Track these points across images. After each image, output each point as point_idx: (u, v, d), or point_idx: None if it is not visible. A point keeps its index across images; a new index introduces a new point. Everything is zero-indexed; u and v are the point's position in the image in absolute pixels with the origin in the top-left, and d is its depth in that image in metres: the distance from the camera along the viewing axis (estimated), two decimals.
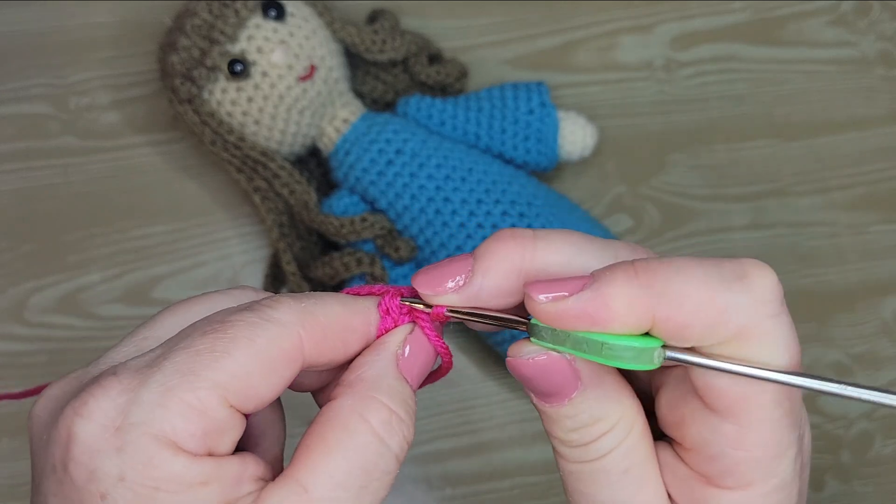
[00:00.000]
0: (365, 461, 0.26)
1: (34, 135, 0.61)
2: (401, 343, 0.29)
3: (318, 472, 0.26)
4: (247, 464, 0.27)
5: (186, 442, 0.25)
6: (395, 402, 0.28)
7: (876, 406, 0.26)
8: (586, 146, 0.59)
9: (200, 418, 0.25)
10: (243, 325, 0.26)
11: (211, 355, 0.26)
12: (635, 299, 0.25)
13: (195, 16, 0.53)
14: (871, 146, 0.64)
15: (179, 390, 0.25)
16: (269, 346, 0.26)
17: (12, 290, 0.58)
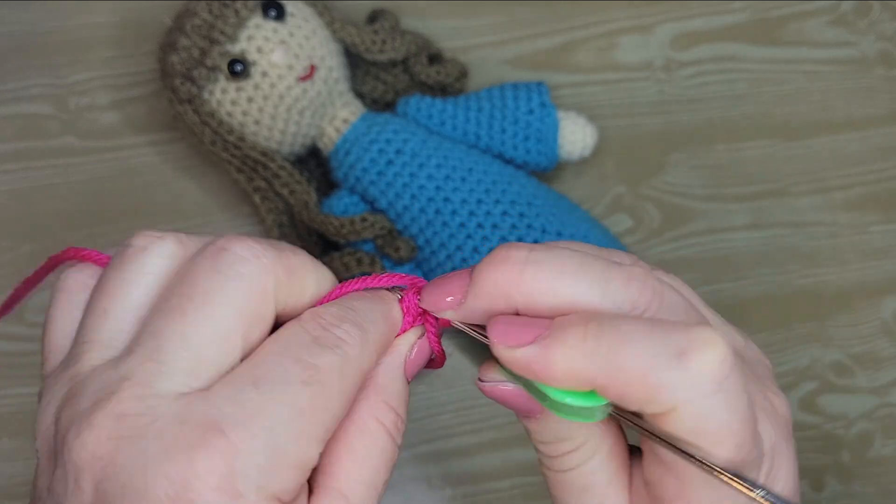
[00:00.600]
0: (385, 460, 0.30)
1: (34, 135, 0.61)
2: (411, 346, 0.31)
3: (353, 479, 0.28)
4: (304, 489, 0.28)
5: (288, 495, 0.27)
6: (399, 404, 0.30)
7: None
8: (586, 146, 0.59)
9: (304, 474, 0.27)
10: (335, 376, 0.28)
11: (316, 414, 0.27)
12: (577, 365, 0.26)
13: (195, 16, 0.54)
14: (870, 146, 0.64)
15: (292, 453, 0.27)
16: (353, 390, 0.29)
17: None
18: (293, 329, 0.28)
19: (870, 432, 0.58)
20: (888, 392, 0.59)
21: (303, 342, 0.28)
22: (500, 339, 0.28)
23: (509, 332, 0.27)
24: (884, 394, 0.59)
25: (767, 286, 0.60)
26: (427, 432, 0.57)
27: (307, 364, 0.27)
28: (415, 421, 0.57)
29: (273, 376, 0.27)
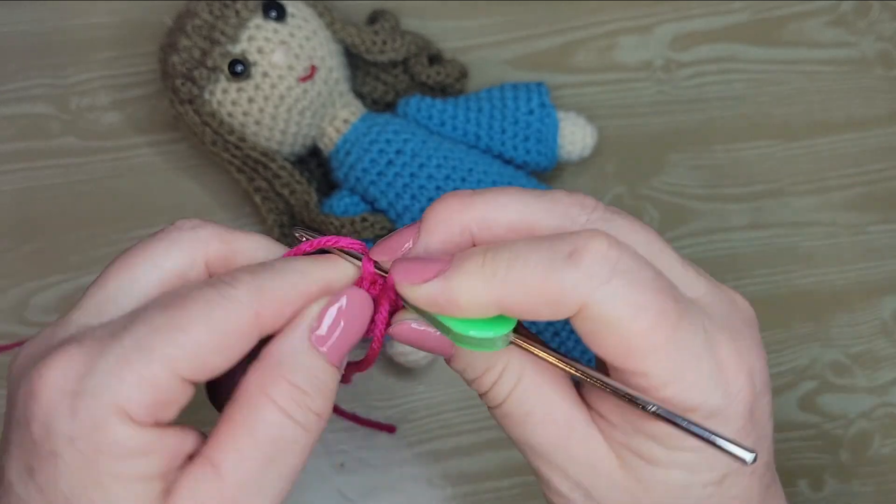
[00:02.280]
0: (269, 435, 0.28)
1: (35, 135, 0.61)
2: (315, 317, 0.30)
3: (225, 448, 0.28)
4: (188, 439, 0.28)
5: (136, 412, 0.27)
6: (299, 376, 0.29)
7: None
8: (586, 146, 0.59)
9: (152, 390, 0.27)
10: (201, 303, 0.28)
11: (167, 331, 0.27)
12: (479, 291, 0.28)
13: (196, 16, 0.54)
14: (870, 146, 0.64)
15: (135, 363, 0.27)
16: (224, 322, 0.28)
17: (14, 290, 0.58)
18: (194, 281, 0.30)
19: (869, 432, 0.58)
20: (887, 392, 0.59)
21: (191, 284, 0.29)
22: (403, 277, 0.29)
23: (412, 269, 0.29)
24: (883, 393, 0.59)
25: (767, 286, 0.60)
26: (427, 432, 0.57)
27: (178, 294, 0.28)
28: (415, 421, 0.57)
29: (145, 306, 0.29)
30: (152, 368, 0.27)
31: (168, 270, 0.30)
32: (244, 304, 0.28)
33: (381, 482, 0.56)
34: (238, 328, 0.28)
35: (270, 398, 0.28)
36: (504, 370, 0.30)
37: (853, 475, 0.57)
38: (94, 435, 0.26)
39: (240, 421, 0.28)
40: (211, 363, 0.28)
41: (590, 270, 0.26)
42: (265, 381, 0.28)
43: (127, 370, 0.27)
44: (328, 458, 0.56)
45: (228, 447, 0.28)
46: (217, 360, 0.28)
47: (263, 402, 0.28)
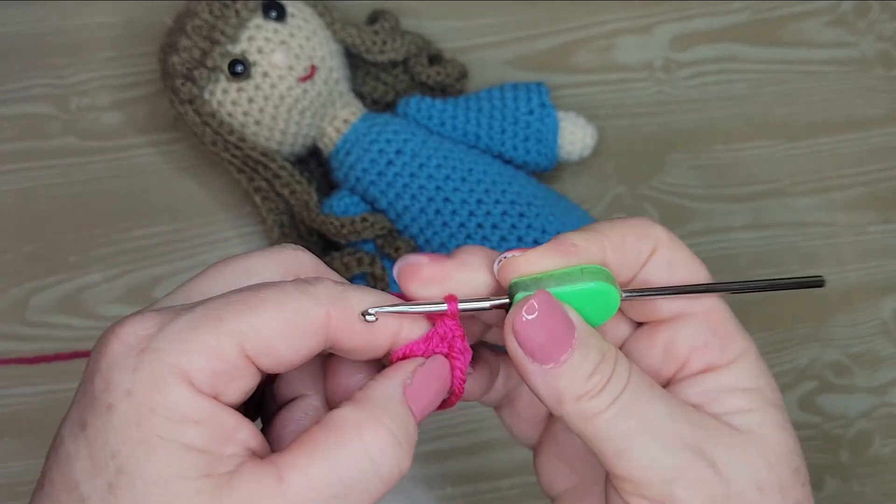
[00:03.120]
0: (347, 474, 0.27)
1: (35, 135, 0.61)
2: (411, 373, 0.30)
3: (298, 467, 0.27)
4: (244, 427, 0.28)
5: (196, 377, 0.27)
6: (396, 425, 0.28)
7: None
8: (586, 146, 0.59)
9: (214, 358, 0.27)
10: (278, 291, 0.28)
11: (239, 307, 0.28)
12: (588, 233, 0.31)
13: (196, 16, 0.54)
14: (870, 146, 0.64)
15: (202, 330, 0.27)
16: (295, 312, 0.28)
17: (13, 290, 0.58)
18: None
19: (869, 432, 0.58)
20: (887, 392, 0.59)
21: (263, 261, 0.31)
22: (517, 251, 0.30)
23: (518, 249, 0.30)
24: (883, 393, 0.59)
25: None
26: (427, 432, 0.57)
27: (260, 284, 0.29)
28: None
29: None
30: (219, 337, 0.27)
31: (260, 278, 0.30)
32: (319, 302, 0.28)
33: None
34: (308, 322, 0.28)
35: (361, 437, 0.28)
36: (617, 352, 0.30)
37: (853, 475, 0.57)
38: (151, 392, 0.26)
39: (323, 446, 0.27)
40: (276, 349, 0.28)
41: (659, 225, 0.32)
42: (361, 418, 0.28)
43: (193, 335, 0.27)
44: None
45: (302, 467, 0.27)
46: (282, 349, 0.28)
47: (353, 438, 0.27)
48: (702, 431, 0.30)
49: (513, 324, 0.29)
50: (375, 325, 0.30)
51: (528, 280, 0.30)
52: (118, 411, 0.26)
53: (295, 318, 0.28)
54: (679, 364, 0.32)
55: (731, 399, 0.31)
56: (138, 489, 0.26)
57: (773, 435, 0.31)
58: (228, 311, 0.27)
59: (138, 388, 0.26)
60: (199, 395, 0.27)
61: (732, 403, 0.31)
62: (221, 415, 0.27)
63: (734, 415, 0.31)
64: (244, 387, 0.28)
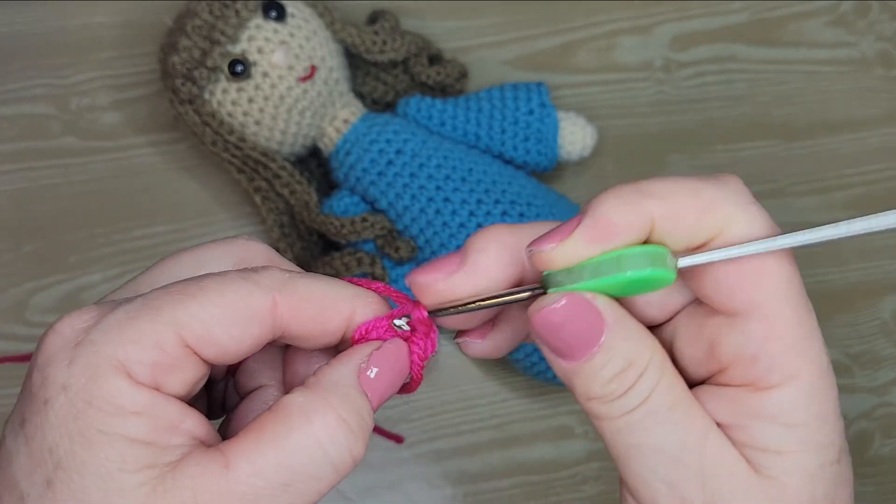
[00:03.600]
0: (295, 461, 0.26)
1: (35, 135, 0.61)
2: (366, 357, 0.29)
3: (244, 453, 0.26)
4: (189, 417, 0.27)
5: (134, 368, 0.26)
6: (346, 410, 0.27)
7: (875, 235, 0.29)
8: (586, 146, 0.59)
9: (153, 349, 0.26)
10: (219, 279, 0.27)
11: (178, 296, 0.27)
12: (632, 205, 0.26)
13: (196, 16, 0.54)
14: (870, 146, 0.64)
15: (140, 320, 0.26)
16: (237, 299, 0.27)
17: (13, 290, 0.58)
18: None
19: (869, 432, 0.58)
20: (887, 391, 0.59)
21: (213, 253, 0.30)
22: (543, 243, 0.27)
23: (548, 235, 0.27)
24: (883, 393, 0.59)
25: None
26: (427, 432, 0.57)
27: (204, 273, 0.28)
28: (415, 420, 0.57)
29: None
30: (156, 327, 0.26)
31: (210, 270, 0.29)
32: (262, 288, 0.27)
33: (380, 482, 0.56)
34: (251, 310, 0.27)
35: (311, 422, 0.27)
36: (651, 358, 0.28)
37: (853, 475, 0.57)
38: (88, 385, 0.25)
39: (270, 433, 0.26)
40: (218, 338, 0.27)
41: (737, 190, 0.27)
42: (310, 404, 0.27)
43: (131, 326, 0.26)
44: None
45: (249, 454, 0.26)
46: (224, 338, 0.27)
47: (302, 423, 0.27)
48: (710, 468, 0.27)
49: (534, 321, 0.28)
50: (326, 310, 0.28)
51: (562, 272, 0.27)
52: (54, 406, 0.26)
53: (236, 306, 0.27)
54: (718, 367, 0.28)
55: (765, 432, 0.27)
56: (76, 483, 0.25)
57: (797, 484, 0.27)
58: (167, 301, 0.27)
59: (74, 381, 0.26)
60: (137, 386, 0.26)
61: (763, 437, 0.27)
62: (163, 405, 0.26)
63: (761, 453, 0.27)
64: (187, 378, 0.27)
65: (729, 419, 0.28)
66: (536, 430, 0.58)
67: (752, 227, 0.27)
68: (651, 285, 0.27)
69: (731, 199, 0.27)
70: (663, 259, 0.27)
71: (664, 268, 0.27)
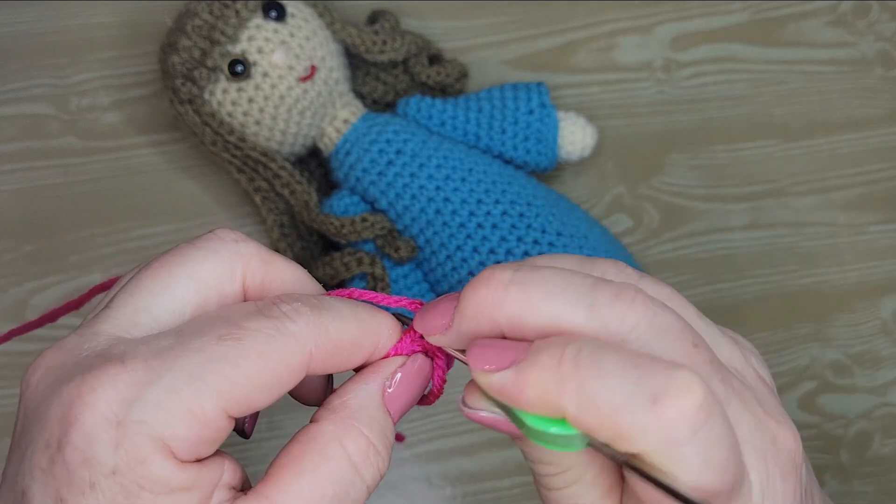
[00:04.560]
0: (337, 488, 0.27)
1: (35, 135, 0.61)
2: (390, 376, 0.30)
3: (287, 491, 0.27)
4: (224, 470, 0.27)
5: (180, 447, 0.26)
6: (374, 433, 0.28)
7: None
8: (586, 146, 0.59)
9: (199, 426, 0.26)
10: (260, 337, 0.27)
11: (220, 364, 0.26)
12: (549, 390, 0.25)
13: (196, 16, 0.54)
14: (870, 146, 0.64)
15: (185, 396, 0.26)
16: (279, 361, 0.27)
17: (14, 289, 0.58)
18: (245, 303, 0.29)
19: (869, 432, 0.58)
20: (887, 392, 0.59)
21: (246, 310, 0.28)
22: (477, 362, 0.27)
23: (486, 355, 0.27)
24: (883, 393, 0.59)
25: (767, 286, 0.60)
26: (427, 432, 0.57)
27: (234, 323, 0.27)
28: (415, 420, 0.57)
29: (196, 329, 0.27)
30: (202, 403, 0.26)
31: (205, 281, 0.29)
32: (301, 343, 0.27)
33: (380, 482, 0.56)
34: (290, 367, 0.27)
35: (344, 449, 0.28)
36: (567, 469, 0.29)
37: (853, 475, 0.57)
38: (137, 469, 0.25)
39: (308, 465, 0.27)
40: (256, 400, 0.27)
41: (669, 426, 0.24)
42: (341, 430, 0.28)
43: (175, 402, 0.26)
44: None
45: (290, 488, 0.27)
46: (262, 398, 0.27)
47: (337, 451, 0.27)
48: None
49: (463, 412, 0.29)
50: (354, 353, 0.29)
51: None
52: (104, 490, 0.25)
53: (278, 367, 0.27)
54: None
55: None
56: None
57: None
58: (210, 371, 0.26)
59: (123, 465, 0.25)
60: (183, 465, 0.26)
61: None
62: (206, 474, 0.27)
63: None
64: (223, 439, 0.27)
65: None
66: None
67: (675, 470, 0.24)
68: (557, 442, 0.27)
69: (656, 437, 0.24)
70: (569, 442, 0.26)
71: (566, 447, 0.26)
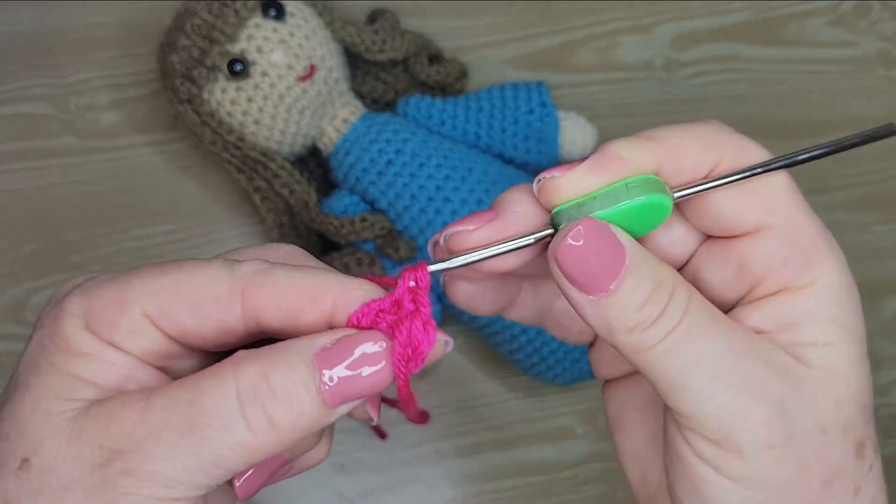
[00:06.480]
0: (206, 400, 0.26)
1: (34, 135, 0.61)
2: (334, 340, 0.27)
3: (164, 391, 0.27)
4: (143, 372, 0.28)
5: (92, 319, 0.28)
6: (275, 369, 0.26)
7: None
8: (586, 146, 0.59)
9: (112, 309, 0.28)
10: (201, 262, 0.29)
11: (157, 270, 0.28)
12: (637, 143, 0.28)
13: (195, 16, 0.54)
14: (871, 146, 0.63)
15: (113, 284, 0.28)
16: (206, 282, 0.28)
17: (13, 289, 0.58)
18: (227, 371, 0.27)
19: None
20: (888, 392, 0.59)
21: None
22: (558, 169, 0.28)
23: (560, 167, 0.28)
24: (883, 393, 0.59)
25: None
26: (427, 432, 0.57)
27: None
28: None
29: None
30: (122, 293, 0.28)
31: None
32: (234, 276, 0.28)
33: (380, 483, 0.56)
34: (215, 293, 0.28)
35: (235, 375, 0.26)
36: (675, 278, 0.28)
37: None
38: (52, 325, 0.28)
39: (196, 377, 0.27)
40: (175, 315, 0.28)
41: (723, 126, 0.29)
42: (244, 359, 0.27)
43: (103, 287, 0.28)
44: (328, 459, 0.56)
45: (169, 390, 0.27)
46: (182, 315, 0.28)
47: (227, 373, 0.27)
48: (767, 369, 0.28)
49: (556, 255, 0.27)
50: (299, 301, 0.28)
51: (571, 206, 0.28)
52: (31, 340, 0.29)
53: (201, 287, 0.28)
54: (754, 282, 0.29)
55: (808, 328, 0.28)
56: (17, 402, 0.28)
57: (846, 372, 0.29)
58: (145, 273, 0.28)
59: (46, 321, 0.29)
60: (90, 333, 0.28)
61: (808, 333, 0.28)
62: (115, 356, 0.28)
63: (808, 347, 0.28)
64: (146, 345, 0.28)
65: (771, 325, 0.29)
66: (537, 431, 0.58)
67: (747, 155, 0.29)
68: (654, 216, 0.28)
69: (723, 133, 0.29)
70: (663, 186, 0.28)
71: (665, 194, 0.28)
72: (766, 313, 0.29)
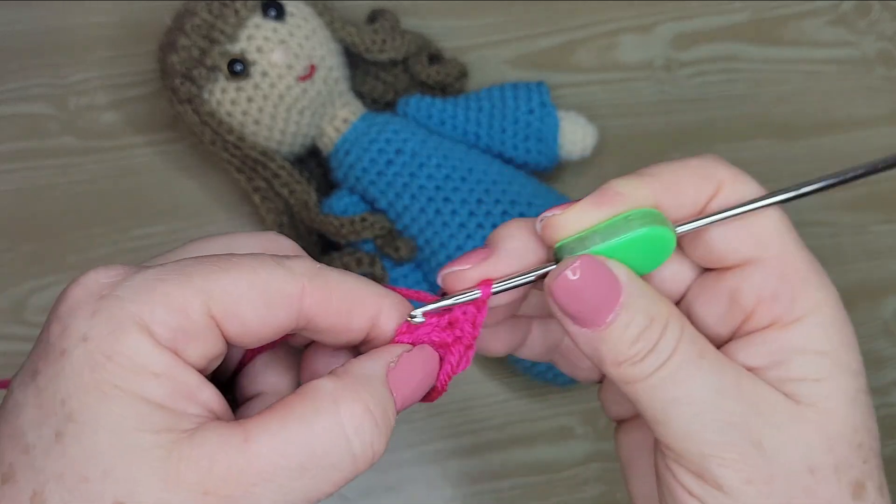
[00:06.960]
0: (316, 444, 0.26)
1: (34, 135, 0.61)
2: (396, 357, 0.29)
3: (266, 430, 0.25)
4: (206, 389, 0.26)
5: (157, 329, 0.25)
6: (374, 403, 0.27)
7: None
8: (586, 146, 0.59)
9: (178, 313, 0.26)
10: (254, 259, 0.27)
11: (211, 266, 0.26)
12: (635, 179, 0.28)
13: (195, 15, 0.53)
14: (871, 146, 0.64)
15: (169, 283, 0.26)
16: (268, 280, 0.27)
17: (12, 289, 0.58)
18: None
19: None
20: (888, 392, 0.59)
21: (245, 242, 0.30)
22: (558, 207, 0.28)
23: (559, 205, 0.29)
24: (884, 394, 0.59)
25: None
26: (427, 432, 0.57)
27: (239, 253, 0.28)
28: (415, 421, 0.57)
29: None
30: (184, 292, 0.26)
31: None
32: (294, 275, 0.27)
33: (380, 482, 0.56)
34: (280, 293, 0.27)
35: (337, 408, 0.26)
36: (669, 315, 0.28)
37: None
38: (108, 338, 0.25)
39: (298, 414, 0.26)
40: (244, 315, 0.26)
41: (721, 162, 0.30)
42: (339, 389, 0.27)
43: (158, 287, 0.26)
44: None
45: (272, 432, 0.25)
46: (251, 316, 0.27)
47: (330, 409, 0.26)
48: (751, 407, 0.28)
49: (551, 290, 0.28)
50: (353, 305, 0.28)
51: (573, 241, 0.28)
52: (71, 357, 0.25)
53: (267, 286, 0.27)
54: (744, 315, 0.29)
55: (798, 363, 0.28)
56: (88, 438, 0.24)
57: (838, 409, 0.28)
58: (199, 270, 0.26)
59: (95, 333, 0.25)
60: (158, 347, 0.25)
61: (798, 369, 0.28)
62: (182, 371, 0.26)
63: (798, 382, 0.28)
64: (207, 350, 0.27)
65: (761, 361, 0.29)
66: (537, 431, 0.58)
67: (744, 190, 0.29)
68: (658, 249, 0.28)
69: (718, 165, 0.29)
70: (664, 220, 0.28)
71: (666, 225, 0.28)
72: (757, 349, 0.29)
